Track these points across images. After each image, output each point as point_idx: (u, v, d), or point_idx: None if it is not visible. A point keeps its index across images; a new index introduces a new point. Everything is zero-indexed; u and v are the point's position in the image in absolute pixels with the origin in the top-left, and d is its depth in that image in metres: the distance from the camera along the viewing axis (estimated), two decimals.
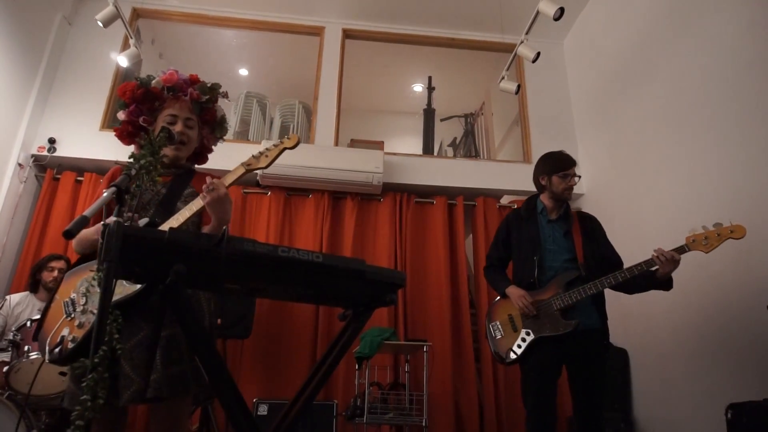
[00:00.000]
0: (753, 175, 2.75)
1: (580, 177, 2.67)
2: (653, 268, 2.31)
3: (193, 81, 1.90)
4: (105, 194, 1.11)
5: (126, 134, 1.87)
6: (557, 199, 2.61)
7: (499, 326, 2.55)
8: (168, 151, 1.75)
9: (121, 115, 1.86)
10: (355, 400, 3.38)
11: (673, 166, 3.40)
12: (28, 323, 2.90)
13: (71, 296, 1.63)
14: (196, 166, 1.99)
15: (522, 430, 2.74)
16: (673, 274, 2.35)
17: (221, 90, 1.94)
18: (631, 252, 2.52)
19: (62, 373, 2.67)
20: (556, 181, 2.58)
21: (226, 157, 2.52)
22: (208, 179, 1.59)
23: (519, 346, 2.43)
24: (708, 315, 2.98)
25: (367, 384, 3.37)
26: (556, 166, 2.60)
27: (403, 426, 3.62)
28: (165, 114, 1.83)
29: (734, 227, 2.24)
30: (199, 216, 1.75)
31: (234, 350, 3.83)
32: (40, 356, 2.75)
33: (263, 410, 3.47)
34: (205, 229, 1.68)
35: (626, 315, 3.53)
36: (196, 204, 1.60)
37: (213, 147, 2.03)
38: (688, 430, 3.04)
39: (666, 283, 2.36)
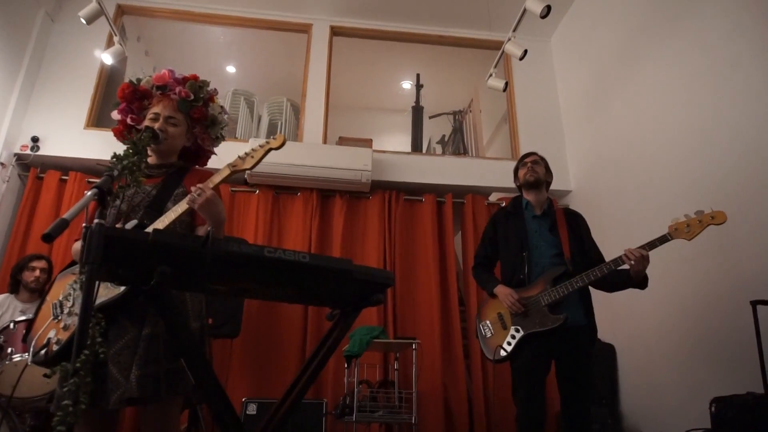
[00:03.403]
0: (737, 172, 2.79)
1: (540, 162, 2.73)
2: (624, 267, 2.34)
3: (187, 80, 1.88)
4: (87, 195, 1.09)
5: (120, 133, 1.89)
6: (527, 186, 2.70)
7: (489, 325, 2.57)
8: (150, 147, 1.74)
9: (114, 114, 1.88)
10: (345, 399, 3.38)
11: (660, 163, 3.44)
12: (11, 325, 2.86)
13: (60, 298, 1.61)
14: (196, 167, 1.97)
15: (511, 426, 2.75)
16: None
17: (210, 88, 1.92)
18: (619, 247, 2.54)
19: (46, 375, 2.63)
20: (521, 173, 2.75)
21: (214, 155, 2.49)
22: (193, 188, 1.58)
23: (509, 344, 2.44)
24: (693, 311, 3.02)
25: (357, 382, 3.37)
26: (517, 163, 2.82)
27: (392, 424, 3.63)
28: (150, 112, 1.82)
29: (715, 213, 2.26)
30: (191, 215, 1.73)
31: (223, 349, 3.81)
32: (23, 358, 2.71)
33: (252, 410, 3.45)
34: (201, 231, 1.66)
35: (613, 311, 3.57)
36: (182, 206, 1.58)
37: (212, 148, 2.01)
38: (674, 423, 3.07)
39: (641, 283, 2.39)
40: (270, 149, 1.69)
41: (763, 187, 2.62)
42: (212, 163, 2.07)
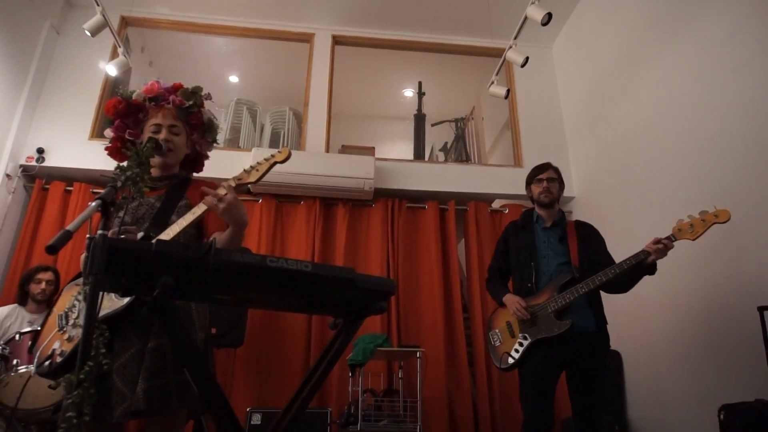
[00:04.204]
0: (741, 178, 2.78)
1: (558, 179, 2.73)
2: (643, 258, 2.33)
3: (176, 88, 1.88)
4: (90, 206, 1.10)
5: (116, 150, 1.87)
6: (539, 204, 2.71)
7: (498, 334, 2.60)
8: (154, 160, 1.74)
9: (109, 132, 1.86)
10: (349, 408, 3.37)
11: (662, 169, 3.43)
12: (17, 336, 2.86)
13: (65, 310, 1.61)
14: (194, 174, 1.97)
15: None
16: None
17: (203, 92, 1.93)
18: (622, 254, 2.53)
19: (51, 387, 2.63)
20: (534, 189, 2.73)
21: (217, 164, 2.51)
22: (207, 191, 1.57)
23: (516, 351, 2.46)
24: (700, 317, 3.00)
25: (361, 391, 3.36)
26: (531, 175, 2.77)
27: None
28: (149, 125, 1.81)
29: (718, 212, 2.26)
30: (198, 228, 1.73)
31: (227, 359, 3.81)
32: (28, 369, 2.71)
33: (257, 419, 3.44)
34: (223, 236, 1.64)
35: (619, 318, 3.54)
36: (187, 218, 1.58)
37: (208, 153, 2.01)
38: (682, 431, 3.05)
39: (651, 268, 2.38)
40: (275, 163, 1.69)
41: None
42: (209, 169, 2.07)
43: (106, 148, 1.88)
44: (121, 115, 1.83)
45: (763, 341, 2.27)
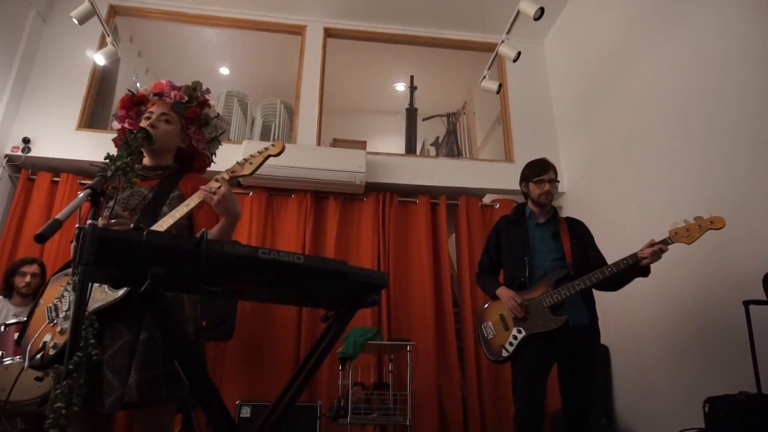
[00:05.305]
0: (729, 174, 2.81)
1: (558, 182, 2.75)
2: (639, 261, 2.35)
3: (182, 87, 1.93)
4: (80, 196, 1.08)
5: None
6: (537, 204, 2.69)
7: (491, 326, 2.59)
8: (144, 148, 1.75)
9: (115, 124, 1.93)
10: (339, 401, 3.37)
11: (652, 165, 3.46)
12: (2, 328, 2.82)
13: (54, 302, 1.60)
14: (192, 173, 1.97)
15: (506, 427, 2.75)
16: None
17: (202, 88, 1.93)
18: (612, 249, 2.56)
19: (38, 379, 2.60)
20: (533, 188, 2.69)
21: (213, 162, 2.48)
22: (201, 187, 1.58)
23: (511, 344, 2.47)
24: (686, 311, 3.04)
25: (351, 384, 3.37)
26: (532, 173, 2.71)
27: (387, 426, 3.62)
28: (146, 113, 1.84)
29: (714, 218, 2.32)
30: (190, 219, 1.72)
31: (216, 352, 3.79)
32: (14, 362, 2.68)
33: (246, 412, 3.44)
34: (215, 228, 1.64)
35: (607, 312, 3.57)
36: (180, 211, 1.58)
37: (208, 152, 1.97)
38: (668, 423, 3.09)
39: (645, 270, 2.41)
40: (269, 156, 1.69)
41: (756, 187, 2.64)
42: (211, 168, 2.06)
43: (114, 139, 1.91)
44: (126, 107, 1.91)
45: (748, 335, 2.30)
